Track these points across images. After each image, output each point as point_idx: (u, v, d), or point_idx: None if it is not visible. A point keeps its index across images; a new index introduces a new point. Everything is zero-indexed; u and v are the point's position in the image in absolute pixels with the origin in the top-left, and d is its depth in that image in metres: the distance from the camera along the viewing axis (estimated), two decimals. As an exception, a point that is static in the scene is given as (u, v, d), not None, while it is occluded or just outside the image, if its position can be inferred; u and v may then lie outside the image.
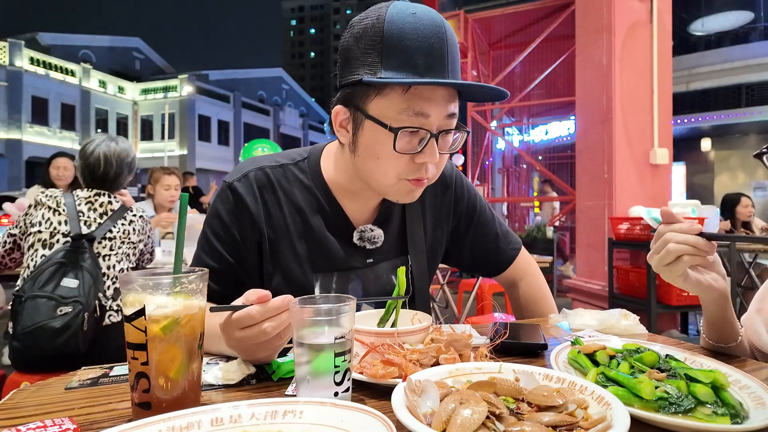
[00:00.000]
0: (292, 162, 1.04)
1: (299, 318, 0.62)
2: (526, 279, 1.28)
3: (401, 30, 0.82)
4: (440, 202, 1.16)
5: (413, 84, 0.82)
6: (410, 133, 0.86)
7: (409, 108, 0.84)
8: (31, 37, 27.31)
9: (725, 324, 0.86)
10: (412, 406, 0.53)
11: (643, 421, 0.57)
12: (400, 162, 0.88)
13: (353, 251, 1.04)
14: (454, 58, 0.86)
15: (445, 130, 0.88)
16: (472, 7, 9.52)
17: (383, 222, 1.07)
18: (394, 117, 0.84)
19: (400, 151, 0.86)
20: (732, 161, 17.68)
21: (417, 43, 0.82)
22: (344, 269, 1.03)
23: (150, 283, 0.60)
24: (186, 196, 0.70)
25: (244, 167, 1.02)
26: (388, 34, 0.82)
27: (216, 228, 0.99)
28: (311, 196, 1.02)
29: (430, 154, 0.87)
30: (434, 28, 0.84)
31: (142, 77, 32.96)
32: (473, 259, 1.24)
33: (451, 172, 1.18)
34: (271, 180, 1.01)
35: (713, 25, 16.80)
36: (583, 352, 0.75)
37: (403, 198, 0.94)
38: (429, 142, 0.86)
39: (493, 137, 11.06)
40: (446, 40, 0.84)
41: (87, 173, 2.09)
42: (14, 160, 24.32)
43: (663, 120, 4.56)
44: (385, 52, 0.83)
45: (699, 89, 16.79)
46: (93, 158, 2.07)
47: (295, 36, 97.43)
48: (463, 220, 1.20)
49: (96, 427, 0.59)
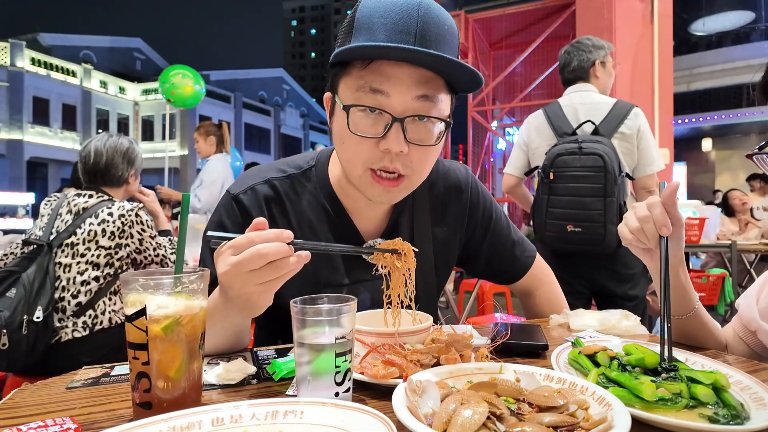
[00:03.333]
0: (299, 171, 1.00)
1: (300, 318, 0.62)
2: (543, 288, 1.24)
3: (371, 10, 0.81)
4: (453, 209, 1.11)
5: (346, 52, 0.78)
6: (370, 114, 0.81)
7: (366, 84, 0.80)
8: (32, 37, 27.37)
9: (675, 291, 0.87)
10: (412, 406, 0.53)
11: (643, 422, 0.57)
12: (362, 147, 0.83)
13: (362, 263, 1.00)
14: (427, 36, 0.79)
15: (414, 116, 0.81)
16: (472, 7, 9.53)
17: (392, 234, 1.03)
18: (352, 95, 0.81)
19: (354, 132, 0.81)
20: (733, 161, 17.66)
21: (383, 20, 0.79)
22: (353, 282, 1.00)
23: (151, 283, 0.60)
24: (188, 196, 0.69)
25: (249, 179, 0.98)
26: (359, 15, 0.82)
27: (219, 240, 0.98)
28: (319, 207, 0.99)
29: (394, 140, 0.80)
30: (406, 5, 0.79)
31: (143, 77, 32.96)
32: (489, 268, 1.21)
33: (465, 178, 1.13)
34: (279, 193, 0.98)
35: (714, 25, 16.79)
36: (584, 353, 0.75)
37: (376, 195, 0.87)
38: (392, 126, 0.80)
39: (493, 137, 11.06)
40: (418, 17, 0.78)
41: (81, 168, 2.02)
42: (15, 161, 24.35)
43: (664, 120, 4.56)
44: (354, 32, 0.81)
45: (700, 89, 16.79)
46: (85, 151, 2.02)
47: (296, 36, 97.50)
48: (479, 229, 1.15)
49: (97, 427, 0.59)
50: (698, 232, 3.50)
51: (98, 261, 1.83)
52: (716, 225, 4.04)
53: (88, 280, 1.81)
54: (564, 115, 2.29)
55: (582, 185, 2.09)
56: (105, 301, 1.83)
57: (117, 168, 2.02)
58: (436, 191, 1.09)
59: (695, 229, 3.49)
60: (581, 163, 2.10)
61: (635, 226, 0.83)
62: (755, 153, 0.80)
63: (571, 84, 2.41)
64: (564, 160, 2.13)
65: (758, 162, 0.81)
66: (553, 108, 2.35)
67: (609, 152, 2.09)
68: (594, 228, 2.08)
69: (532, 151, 2.42)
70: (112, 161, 2.00)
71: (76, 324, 1.77)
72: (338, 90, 0.85)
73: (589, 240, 2.10)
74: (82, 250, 1.82)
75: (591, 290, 2.28)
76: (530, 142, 2.42)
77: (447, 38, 0.82)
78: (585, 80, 2.37)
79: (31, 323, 1.67)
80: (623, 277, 2.22)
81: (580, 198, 2.11)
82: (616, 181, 2.09)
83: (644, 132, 2.25)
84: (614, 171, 2.08)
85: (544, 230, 2.20)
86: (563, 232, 2.14)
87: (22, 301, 1.68)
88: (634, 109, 2.25)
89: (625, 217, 0.87)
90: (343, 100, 0.83)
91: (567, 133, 2.24)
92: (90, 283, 1.81)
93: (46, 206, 1.97)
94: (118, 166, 2.01)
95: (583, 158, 2.10)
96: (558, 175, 2.13)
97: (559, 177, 2.13)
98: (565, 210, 2.13)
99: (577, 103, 2.30)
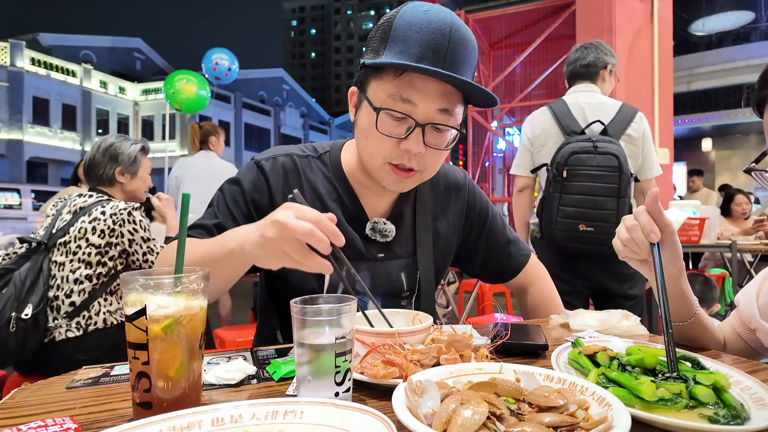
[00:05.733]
0: (316, 155, 1.10)
1: (300, 318, 0.62)
2: (536, 285, 1.29)
3: (408, 23, 0.89)
4: (453, 205, 1.19)
5: (388, 65, 0.88)
6: (397, 119, 0.91)
7: (397, 93, 0.89)
8: (32, 37, 27.35)
9: (676, 301, 0.88)
10: (412, 406, 0.53)
11: (643, 422, 0.57)
12: (385, 145, 0.92)
13: (366, 243, 1.08)
14: (455, 57, 0.89)
15: (434, 124, 0.91)
16: (472, 7, 9.52)
17: (396, 219, 1.11)
18: (383, 99, 0.91)
19: (381, 132, 0.91)
20: (733, 161, 17.67)
21: (419, 35, 0.88)
22: (356, 259, 1.05)
23: (151, 283, 0.60)
24: (188, 196, 0.69)
25: (274, 151, 1.08)
26: (396, 26, 0.90)
27: (234, 193, 1.03)
28: (331, 187, 1.07)
29: (414, 142, 0.91)
30: (440, 24, 0.88)
31: (143, 77, 32.95)
32: (485, 265, 1.26)
33: (464, 179, 1.22)
34: (298, 167, 1.07)
35: (714, 26, 16.79)
36: (584, 353, 0.75)
37: (391, 184, 0.98)
38: (414, 131, 0.90)
39: (493, 137, 11.06)
40: (450, 37, 0.88)
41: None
42: (15, 161, 24.35)
43: (664, 120, 4.56)
44: (390, 41, 0.90)
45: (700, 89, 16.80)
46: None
47: (296, 36, 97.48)
48: (476, 226, 1.23)
49: (97, 427, 0.59)
50: (698, 232, 3.49)
51: (89, 259, 1.81)
52: (716, 225, 4.03)
53: (81, 279, 1.79)
54: (571, 114, 2.28)
55: (596, 184, 2.08)
56: (100, 302, 1.83)
57: (99, 165, 2.02)
58: (437, 189, 1.17)
59: (695, 229, 3.48)
60: (597, 162, 2.09)
61: (626, 237, 0.85)
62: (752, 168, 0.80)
63: (576, 80, 2.40)
64: (579, 159, 2.11)
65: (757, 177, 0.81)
66: (559, 106, 2.34)
67: (622, 153, 2.10)
68: (606, 228, 2.06)
69: (537, 149, 2.39)
70: (94, 159, 2.03)
71: (70, 324, 1.77)
72: (367, 89, 0.94)
73: (600, 240, 2.08)
74: (74, 248, 1.81)
75: (591, 290, 2.28)
76: (535, 139, 2.39)
77: (470, 58, 0.92)
78: (592, 80, 2.37)
79: (19, 321, 1.66)
80: (624, 277, 2.22)
81: (593, 197, 2.09)
82: (629, 182, 2.10)
83: (648, 136, 2.27)
84: (628, 171, 2.09)
85: (554, 228, 2.16)
86: (575, 231, 2.11)
87: (12, 298, 1.68)
88: (638, 113, 2.28)
89: (617, 230, 0.88)
90: (373, 101, 0.92)
91: (575, 132, 2.22)
92: (83, 283, 1.80)
93: (53, 207, 1.99)
94: (99, 163, 2.02)
95: (599, 157, 2.09)
96: (572, 173, 2.11)
97: (573, 175, 2.11)
98: (578, 209, 2.10)
99: (583, 102, 2.29)
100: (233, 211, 1.01)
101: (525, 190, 2.51)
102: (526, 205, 2.54)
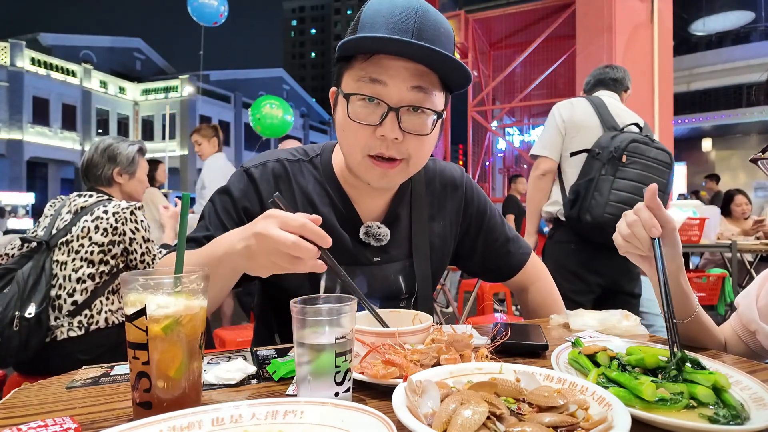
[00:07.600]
0: (306, 158, 1.07)
1: (300, 318, 0.62)
2: (537, 283, 1.27)
3: (375, 10, 0.88)
4: (449, 203, 1.16)
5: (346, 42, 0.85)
6: (369, 104, 0.88)
7: (366, 75, 0.87)
8: (32, 37, 27.35)
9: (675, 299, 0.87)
10: (412, 406, 0.53)
11: (643, 422, 0.57)
12: (361, 134, 0.89)
13: (361, 247, 1.05)
14: (423, 36, 0.85)
15: (410, 106, 0.87)
16: (472, 7, 9.52)
17: (391, 222, 1.08)
18: (353, 85, 0.89)
19: (354, 119, 0.88)
20: (733, 161, 17.67)
21: (384, 19, 0.87)
22: (351, 264, 1.03)
23: (151, 283, 0.60)
24: (188, 196, 0.69)
25: (263, 157, 1.05)
26: (364, 15, 0.90)
27: (224, 203, 1.01)
28: (323, 192, 1.05)
29: (389, 127, 0.87)
30: (405, 7, 0.86)
31: (142, 77, 32.97)
32: (484, 263, 1.24)
33: (461, 176, 1.20)
34: (287, 172, 1.04)
35: (714, 25, 16.79)
36: (584, 353, 0.75)
37: (375, 179, 0.93)
38: (388, 114, 0.86)
39: (493, 137, 11.06)
40: (416, 17, 0.86)
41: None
42: (15, 161, 24.35)
43: (664, 120, 4.56)
44: (359, 30, 0.89)
45: (700, 89, 16.80)
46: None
47: (296, 36, 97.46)
48: (474, 223, 1.20)
49: (97, 427, 0.59)
50: (698, 232, 3.49)
51: (92, 258, 1.82)
52: (716, 225, 4.03)
53: (83, 277, 1.80)
54: (609, 112, 2.36)
55: (650, 176, 2.11)
56: (102, 300, 1.83)
57: (97, 166, 2.04)
58: (432, 187, 1.15)
59: (695, 229, 3.48)
60: (654, 155, 2.14)
61: (627, 232, 0.85)
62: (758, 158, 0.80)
63: (602, 87, 2.54)
64: (638, 147, 2.14)
65: (763, 166, 0.81)
66: (597, 101, 2.41)
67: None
68: None
69: (573, 134, 2.39)
70: (92, 159, 2.04)
71: (72, 323, 1.77)
72: (341, 83, 0.92)
73: None
74: (77, 247, 1.82)
75: (603, 287, 2.28)
76: (572, 124, 2.40)
77: (442, 39, 0.88)
78: (617, 92, 2.53)
79: (23, 320, 1.67)
80: (634, 275, 2.27)
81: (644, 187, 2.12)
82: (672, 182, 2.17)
83: None
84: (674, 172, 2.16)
85: (603, 210, 2.11)
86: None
87: (15, 297, 1.68)
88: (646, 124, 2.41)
89: (618, 226, 0.88)
90: (344, 90, 0.90)
91: (615, 128, 2.29)
92: (85, 281, 1.80)
93: (50, 208, 1.99)
94: (98, 164, 2.04)
95: (654, 151, 2.14)
96: (630, 159, 2.13)
97: (631, 162, 2.13)
98: (631, 195, 2.11)
99: (615, 105, 2.41)
100: (225, 221, 0.99)
101: (548, 174, 2.48)
102: (546, 190, 2.50)
